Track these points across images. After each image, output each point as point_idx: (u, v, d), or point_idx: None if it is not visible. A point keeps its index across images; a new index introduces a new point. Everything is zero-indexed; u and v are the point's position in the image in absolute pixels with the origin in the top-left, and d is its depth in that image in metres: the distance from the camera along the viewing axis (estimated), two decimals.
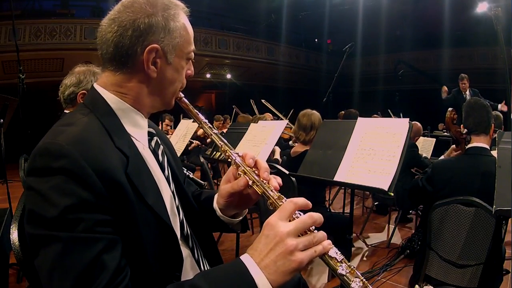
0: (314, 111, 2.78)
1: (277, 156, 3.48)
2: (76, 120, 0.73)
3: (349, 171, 1.74)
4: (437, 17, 10.92)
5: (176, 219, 0.85)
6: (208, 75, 12.88)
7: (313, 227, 0.68)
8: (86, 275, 0.60)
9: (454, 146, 2.32)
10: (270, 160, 2.89)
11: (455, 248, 1.69)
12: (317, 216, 0.67)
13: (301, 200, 0.68)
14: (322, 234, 0.67)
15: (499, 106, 5.11)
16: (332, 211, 3.98)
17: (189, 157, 5.63)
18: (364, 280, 0.65)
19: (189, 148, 4.01)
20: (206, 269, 0.91)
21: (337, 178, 1.75)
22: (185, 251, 0.85)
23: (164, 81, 0.80)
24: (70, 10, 9.88)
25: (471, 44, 11.14)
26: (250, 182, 0.79)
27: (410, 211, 3.89)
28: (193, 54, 0.85)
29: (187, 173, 1.14)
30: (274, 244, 0.62)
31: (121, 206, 0.68)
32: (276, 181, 0.80)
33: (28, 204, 0.65)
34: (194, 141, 5.18)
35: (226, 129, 5.14)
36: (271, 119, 4.83)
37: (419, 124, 4.03)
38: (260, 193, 0.77)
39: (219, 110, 10.87)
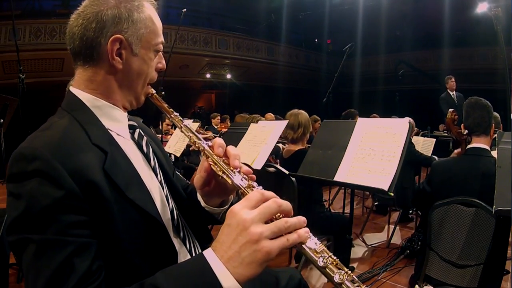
0: (301, 111, 2.78)
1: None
2: (51, 124, 0.74)
3: (349, 171, 1.74)
4: (437, 17, 10.92)
5: (165, 209, 0.85)
6: (208, 75, 12.89)
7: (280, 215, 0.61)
8: (55, 277, 0.60)
9: (456, 150, 2.31)
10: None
11: (455, 248, 1.69)
12: (283, 202, 0.61)
13: (270, 192, 0.63)
14: (297, 219, 0.60)
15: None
16: (332, 211, 3.98)
17: (189, 157, 5.63)
18: (350, 272, 0.59)
19: (190, 149, 4.01)
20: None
21: (337, 178, 1.75)
22: (175, 242, 0.84)
23: (131, 73, 0.80)
24: (70, 10, 9.63)
25: (471, 44, 11.15)
26: (220, 173, 0.74)
27: (410, 211, 3.89)
28: (161, 46, 0.84)
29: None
30: (237, 234, 0.57)
31: (97, 205, 0.67)
32: (247, 169, 0.76)
33: (8, 212, 0.65)
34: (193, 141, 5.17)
35: (226, 129, 5.14)
36: (271, 119, 4.83)
37: (411, 119, 4.02)
38: (230, 183, 0.73)
39: (219, 110, 10.88)
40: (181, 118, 0.88)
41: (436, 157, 3.41)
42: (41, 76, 8.89)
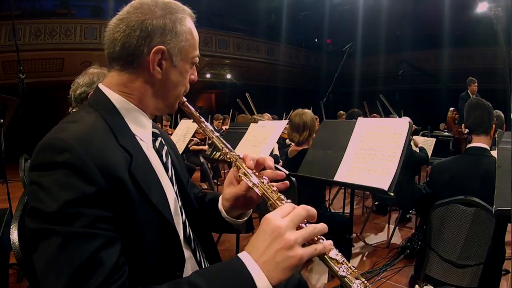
0: (306, 110, 2.76)
1: (276, 152, 3.47)
2: (80, 117, 0.74)
3: (349, 171, 1.74)
4: (437, 17, 10.92)
5: (179, 220, 0.86)
6: (208, 75, 12.88)
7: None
8: (82, 271, 0.59)
9: None
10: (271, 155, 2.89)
11: (455, 248, 1.69)
12: (310, 208, 0.65)
13: (300, 205, 0.67)
14: (322, 225, 0.65)
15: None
16: (332, 211, 3.98)
17: (189, 157, 5.63)
18: (366, 282, 0.63)
19: (189, 146, 4.01)
20: (197, 270, 0.91)
21: (337, 178, 1.75)
22: (187, 252, 0.85)
23: (168, 84, 0.81)
24: (70, 10, 9.87)
25: (471, 44, 11.14)
26: (250, 184, 0.78)
27: (410, 211, 3.89)
28: (197, 59, 0.86)
29: None
30: (272, 240, 0.61)
31: (123, 203, 0.67)
32: (279, 176, 0.81)
33: (30, 199, 0.65)
34: (193, 138, 5.17)
35: (225, 129, 5.14)
36: (268, 119, 4.83)
37: (408, 118, 4.02)
38: (260, 195, 0.76)
39: (219, 110, 10.87)
40: (212, 128, 0.89)
41: (434, 159, 3.41)
42: (41, 76, 8.89)
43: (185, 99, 0.89)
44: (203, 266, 0.90)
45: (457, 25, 10.86)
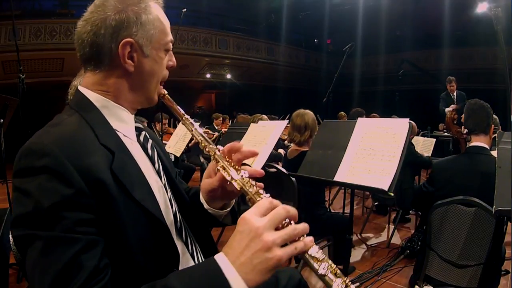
0: (308, 111, 2.76)
1: (280, 150, 3.47)
2: (61, 120, 0.75)
3: (349, 171, 1.74)
4: (437, 17, 10.91)
5: (169, 211, 0.86)
6: (208, 75, 12.88)
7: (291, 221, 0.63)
8: (63, 275, 0.60)
9: None
10: (272, 156, 2.88)
11: (455, 248, 1.69)
12: (291, 208, 0.62)
13: (277, 201, 0.65)
14: (303, 226, 0.62)
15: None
16: (332, 211, 3.98)
17: (189, 157, 5.62)
18: (348, 281, 0.61)
19: (190, 144, 4.01)
20: (200, 261, 0.91)
21: (337, 178, 1.75)
22: (179, 245, 0.84)
23: (143, 74, 0.81)
24: (70, 10, 9.86)
25: (471, 44, 11.13)
26: (229, 178, 0.76)
27: (410, 211, 3.89)
28: (171, 44, 0.85)
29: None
30: (249, 240, 0.58)
31: (105, 203, 0.67)
32: (258, 174, 0.79)
33: (14, 207, 0.65)
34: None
35: (226, 129, 5.13)
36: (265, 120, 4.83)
37: (413, 123, 4.02)
38: (238, 188, 0.74)
39: (219, 110, 10.87)
40: (192, 121, 0.88)
41: (433, 159, 3.41)
42: (41, 76, 8.88)
43: (165, 92, 0.89)
44: (196, 258, 0.90)
45: (457, 25, 10.84)
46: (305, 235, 0.62)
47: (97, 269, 0.63)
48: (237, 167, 0.78)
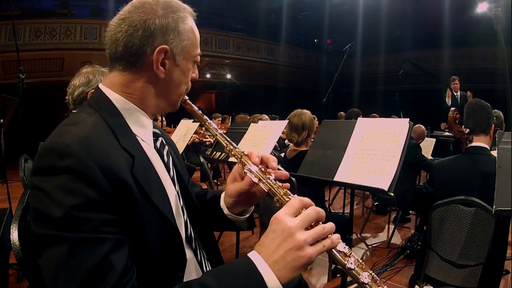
0: (305, 110, 2.76)
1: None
2: (81, 119, 0.73)
3: (349, 171, 1.73)
4: (437, 17, 10.91)
5: (180, 220, 0.86)
6: (208, 75, 12.88)
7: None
8: (93, 277, 0.59)
9: None
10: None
11: (455, 248, 1.69)
12: (320, 210, 0.66)
13: (307, 199, 0.68)
14: (331, 225, 0.65)
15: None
16: (332, 211, 3.98)
17: (189, 157, 5.62)
18: (373, 274, 0.64)
19: (188, 143, 4.01)
20: (208, 270, 0.91)
21: (337, 178, 1.75)
22: (188, 253, 0.85)
23: (171, 83, 0.81)
24: (70, 10, 9.87)
25: (471, 44, 11.14)
26: (256, 180, 0.78)
27: (410, 211, 3.89)
28: (199, 57, 0.85)
29: None
30: (282, 239, 0.61)
31: (127, 205, 0.67)
32: (283, 176, 0.81)
33: (33, 204, 0.64)
34: (193, 135, 5.16)
35: (225, 129, 5.13)
36: (265, 119, 4.83)
37: (423, 127, 4.03)
38: (266, 190, 0.76)
39: (219, 110, 10.87)
40: (215, 126, 0.89)
41: (435, 159, 3.41)
42: (41, 76, 8.88)
43: (187, 97, 0.89)
44: (204, 266, 0.90)
45: (457, 25, 10.85)
46: (332, 233, 0.65)
47: (126, 268, 0.63)
48: (263, 169, 0.80)
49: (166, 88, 0.81)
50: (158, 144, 0.88)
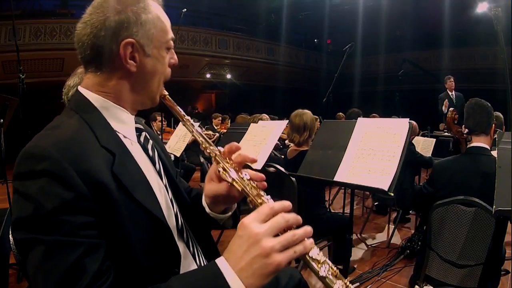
0: (306, 110, 2.76)
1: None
2: (60, 122, 0.74)
3: (349, 171, 1.73)
4: (437, 17, 10.91)
5: (170, 212, 0.85)
6: (208, 75, 12.88)
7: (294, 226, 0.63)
8: (66, 278, 0.60)
9: None
10: (272, 157, 2.88)
11: (455, 248, 1.69)
12: (291, 217, 0.63)
13: (280, 204, 0.65)
14: (303, 230, 0.62)
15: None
16: (332, 211, 3.98)
17: (189, 157, 5.62)
18: (348, 283, 0.62)
19: (188, 142, 4.00)
20: (201, 262, 0.91)
21: (337, 178, 1.75)
22: (181, 245, 0.85)
23: (146, 74, 0.80)
24: (70, 10, 9.86)
25: (471, 44, 11.13)
26: (230, 180, 0.76)
27: (410, 211, 3.89)
28: (172, 42, 0.85)
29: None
30: (248, 246, 0.60)
31: (106, 206, 0.67)
32: (259, 178, 0.78)
33: (14, 209, 0.66)
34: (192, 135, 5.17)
35: (225, 130, 5.13)
36: (266, 119, 4.83)
37: (414, 122, 4.02)
38: (240, 190, 0.74)
39: (219, 110, 10.86)
40: (193, 122, 0.88)
41: (434, 159, 3.40)
42: (41, 76, 8.88)
43: (166, 93, 0.89)
44: (197, 258, 0.90)
45: (457, 25, 10.84)
46: (306, 238, 0.62)
47: (100, 272, 0.64)
48: (237, 168, 0.78)
49: (142, 81, 0.81)
50: (142, 138, 0.88)
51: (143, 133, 0.89)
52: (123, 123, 0.82)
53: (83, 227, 0.64)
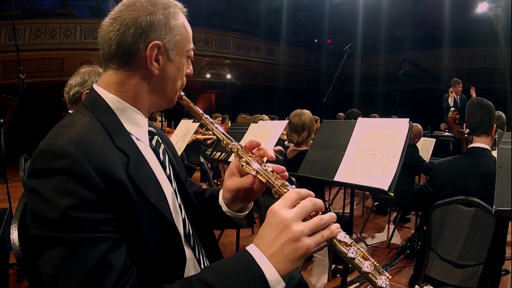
0: (305, 110, 2.76)
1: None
2: (75, 121, 0.73)
3: (349, 171, 1.73)
4: (437, 17, 10.92)
5: (178, 217, 0.86)
6: (208, 75, 12.88)
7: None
8: (92, 276, 0.59)
9: None
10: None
11: (455, 248, 1.68)
12: (318, 200, 0.65)
13: (305, 190, 0.68)
14: (329, 216, 0.64)
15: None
16: (332, 211, 3.98)
17: (189, 157, 5.63)
18: (376, 262, 0.63)
19: (188, 143, 4.00)
20: (207, 265, 0.91)
21: (337, 178, 1.75)
22: (187, 250, 0.85)
23: (165, 78, 0.81)
24: (70, 10, 9.87)
25: (471, 44, 11.15)
26: (253, 172, 0.78)
27: (410, 212, 3.89)
28: (192, 52, 0.86)
29: None
30: (279, 232, 0.61)
31: (124, 205, 0.67)
32: (280, 170, 0.80)
33: (30, 206, 0.64)
34: (193, 135, 5.16)
35: (225, 130, 5.12)
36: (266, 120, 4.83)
37: (419, 126, 4.02)
38: (264, 182, 0.76)
39: (219, 110, 10.87)
40: (212, 120, 0.89)
41: (434, 159, 3.39)
42: (41, 76, 8.89)
43: (183, 93, 0.89)
44: (202, 263, 0.90)
45: (457, 25, 10.85)
46: (332, 223, 0.64)
47: (126, 267, 0.63)
48: (259, 161, 0.80)
49: (161, 84, 0.81)
50: (153, 142, 0.88)
51: (155, 137, 0.89)
52: (137, 126, 0.82)
53: (104, 223, 0.63)
